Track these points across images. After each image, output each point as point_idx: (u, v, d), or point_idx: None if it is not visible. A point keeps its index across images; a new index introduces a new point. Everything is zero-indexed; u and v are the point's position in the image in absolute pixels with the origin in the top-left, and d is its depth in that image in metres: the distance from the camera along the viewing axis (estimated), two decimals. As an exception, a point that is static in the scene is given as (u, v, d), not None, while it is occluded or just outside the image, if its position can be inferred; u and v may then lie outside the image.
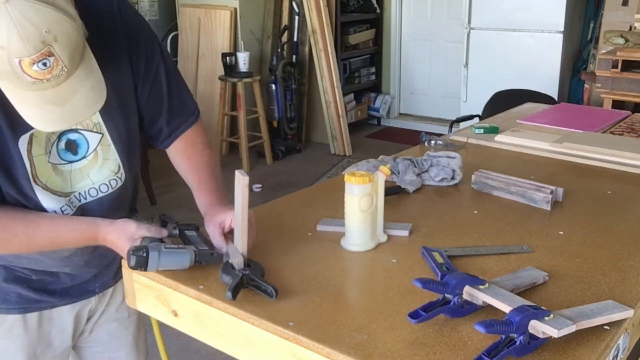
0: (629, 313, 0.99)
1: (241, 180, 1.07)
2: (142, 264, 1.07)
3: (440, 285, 1.00)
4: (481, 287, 1.00)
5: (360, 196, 1.20)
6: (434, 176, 1.62)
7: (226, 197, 1.30)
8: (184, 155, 1.35)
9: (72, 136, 1.18)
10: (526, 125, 2.19)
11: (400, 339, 0.94)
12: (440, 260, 1.16)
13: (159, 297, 1.17)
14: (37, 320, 1.30)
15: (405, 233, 1.30)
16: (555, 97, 4.58)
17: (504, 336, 0.90)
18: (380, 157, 1.72)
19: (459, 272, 1.07)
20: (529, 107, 2.58)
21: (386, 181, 1.25)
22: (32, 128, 1.08)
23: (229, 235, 1.18)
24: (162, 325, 1.24)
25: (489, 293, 0.99)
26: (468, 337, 0.94)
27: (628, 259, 1.21)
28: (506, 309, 0.94)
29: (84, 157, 1.21)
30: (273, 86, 5.19)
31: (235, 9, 5.21)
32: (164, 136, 1.35)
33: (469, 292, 1.00)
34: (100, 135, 1.21)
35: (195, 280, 1.12)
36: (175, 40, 5.61)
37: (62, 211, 1.19)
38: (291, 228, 1.34)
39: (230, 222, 1.17)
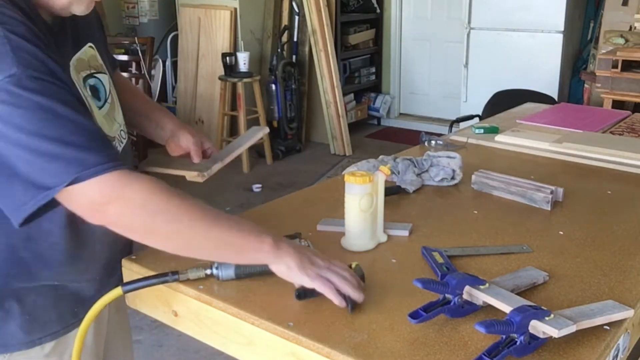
0: (629, 313, 0.99)
1: (260, 130, 1.25)
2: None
3: (441, 286, 1.00)
4: (481, 287, 1.00)
5: (360, 196, 1.20)
6: (434, 176, 1.62)
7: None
8: (125, 91, 1.32)
9: (91, 81, 1.14)
10: (526, 125, 2.19)
11: (401, 339, 0.94)
12: (440, 260, 1.16)
13: (159, 297, 1.17)
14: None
15: (405, 233, 1.30)
16: (555, 97, 4.58)
17: (504, 336, 0.90)
18: (380, 157, 1.72)
19: (459, 272, 1.07)
20: (529, 107, 2.58)
21: (386, 181, 1.25)
22: (68, 70, 1.06)
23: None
24: (162, 325, 1.24)
25: (489, 293, 0.99)
26: (468, 337, 0.95)
27: (628, 259, 1.21)
28: (506, 309, 0.94)
29: (106, 101, 1.17)
30: (273, 86, 5.18)
31: (235, 9, 5.21)
32: None
33: (469, 292, 1.00)
34: (108, 75, 1.19)
35: (195, 281, 1.12)
36: (175, 40, 5.61)
37: None
38: (291, 228, 1.34)
39: (209, 146, 1.32)
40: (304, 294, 1.03)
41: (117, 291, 1.04)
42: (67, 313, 1.19)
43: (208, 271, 1.09)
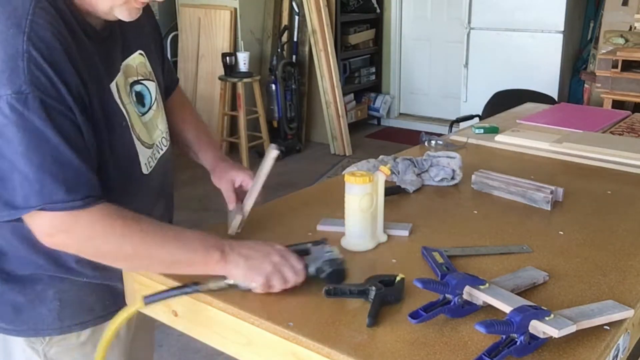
0: (629, 313, 0.99)
1: (272, 153, 1.24)
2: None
3: (441, 285, 1.00)
4: (481, 287, 1.00)
5: (361, 196, 1.20)
6: (434, 176, 1.62)
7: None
8: (177, 111, 1.38)
9: (137, 87, 1.18)
10: (526, 125, 2.19)
11: (401, 339, 0.94)
12: (440, 260, 1.16)
13: (159, 297, 1.17)
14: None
15: (405, 233, 1.30)
16: (555, 97, 4.58)
17: (504, 336, 0.90)
18: (380, 157, 1.72)
19: (459, 272, 1.07)
20: (529, 107, 2.58)
21: (386, 181, 1.25)
22: (115, 75, 1.10)
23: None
24: (162, 325, 1.24)
25: (489, 293, 0.99)
26: (468, 337, 0.94)
27: (628, 259, 1.21)
28: (506, 309, 0.94)
29: (150, 108, 1.21)
30: (273, 86, 5.18)
31: (235, 9, 5.21)
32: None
33: (469, 292, 1.00)
34: (155, 83, 1.23)
35: (196, 280, 1.12)
36: (175, 40, 5.61)
37: (148, 164, 1.19)
38: (291, 228, 1.34)
39: (240, 181, 1.31)
40: (334, 291, 1.03)
41: (139, 303, 1.03)
42: (99, 304, 1.22)
43: (230, 281, 1.06)
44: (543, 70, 4.88)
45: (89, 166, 1.02)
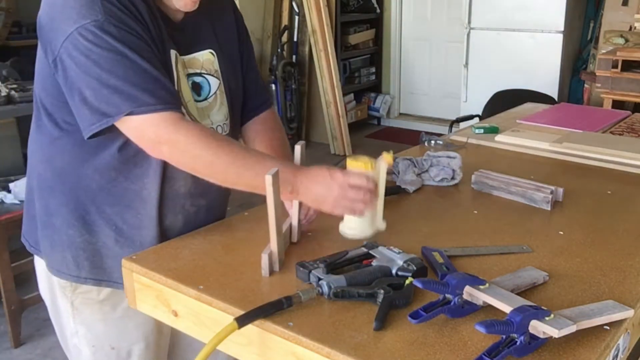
0: (629, 313, 0.99)
1: (267, 179, 1.12)
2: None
3: (441, 286, 1.00)
4: (481, 287, 1.00)
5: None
6: (434, 176, 1.62)
7: None
8: (263, 136, 1.46)
9: (197, 79, 1.30)
10: (526, 125, 2.19)
11: (401, 339, 0.94)
12: (440, 260, 1.16)
13: (159, 297, 1.17)
14: None
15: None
16: (555, 97, 4.58)
17: (504, 336, 0.90)
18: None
19: (459, 272, 1.08)
20: (529, 107, 2.58)
21: (386, 181, 1.25)
22: (172, 46, 1.23)
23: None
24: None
25: (489, 293, 0.99)
26: (468, 337, 0.94)
27: (628, 259, 1.21)
28: (506, 309, 0.94)
29: (205, 99, 1.32)
30: (273, 86, 5.18)
31: (235, 9, 5.20)
32: (247, 111, 1.46)
33: (469, 292, 1.00)
34: (219, 82, 1.34)
35: (195, 280, 1.12)
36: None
37: None
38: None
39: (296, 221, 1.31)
40: (342, 294, 1.03)
41: (232, 326, 0.97)
42: (115, 270, 1.27)
43: (319, 289, 1.05)
44: (543, 70, 4.87)
45: (167, 79, 1.16)
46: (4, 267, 2.52)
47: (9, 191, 2.72)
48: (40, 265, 1.37)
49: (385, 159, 1.22)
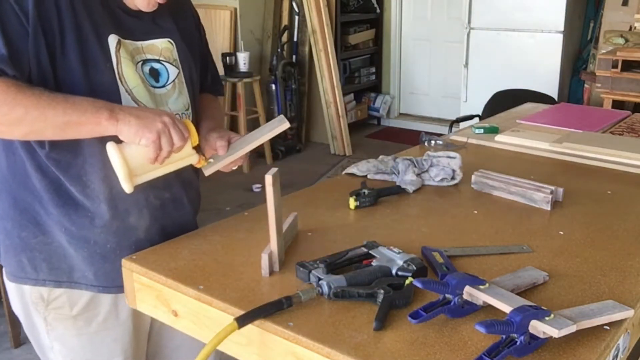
0: (629, 313, 0.99)
1: (282, 124, 1.17)
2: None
3: (441, 286, 1.00)
4: (481, 287, 1.00)
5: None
6: (434, 176, 1.62)
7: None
8: (204, 102, 1.47)
9: (155, 65, 1.30)
10: (526, 125, 2.19)
11: (401, 339, 0.94)
12: (440, 260, 1.16)
13: (158, 297, 1.17)
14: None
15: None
16: (555, 97, 4.58)
17: (504, 336, 0.90)
18: (380, 157, 1.72)
19: (459, 272, 1.08)
20: (529, 107, 2.58)
21: (386, 181, 1.25)
22: (114, 32, 1.22)
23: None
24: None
25: (489, 293, 0.99)
26: (468, 337, 0.94)
27: (628, 259, 1.21)
28: (506, 309, 0.94)
29: (163, 86, 1.31)
30: (273, 86, 5.19)
31: (235, 9, 5.21)
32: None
33: (469, 292, 0.99)
34: (178, 71, 1.34)
35: (195, 280, 1.12)
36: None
37: None
38: (291, 228, 1.34)
39: (236, 139, 1.32)
40: (342, 294, 1.03)
41: (232, 326, 0.97)
42: (68, 268, 1.27)
43: (319, 289, 1.05)
44: (543, 70, 4.87)
45: (10, 48, 1.10)
46: (4, 267, 2.52)
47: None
48: (8, 284, 1.34)
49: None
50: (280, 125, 1.25)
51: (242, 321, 0.98)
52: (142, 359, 1.44)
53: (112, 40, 1.21)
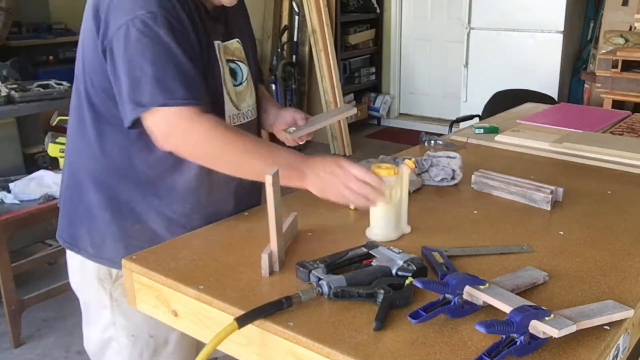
0: (629, 313, 0.99)
1: (351, 109, 1.37)
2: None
3: (441, 285, 1.00)
4: (481, 287, 1.00)
5: (386, 188, 1.23)
6: (434, 176, 1.62)
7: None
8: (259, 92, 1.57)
9: (232, 65, 1.39)
10: (526, 125, 2.19)
11: (401, 339, 0.94)
12: (440, 260, 1.16)
13: (158, 297, 1.17)
14: None
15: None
16: (555, 97, 4.58)
17: (504, 336, 0.90)
18: (380, 157, 1.72)
19: (459, 272, 1.08)
20: (529, 107, 2.58)
21: None
22: (214, 37, 1.32)
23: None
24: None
25: (489, 293, 0.99)
26: (468, 337, 0.94)
27: (628, 259, 1.21)
28: (506, 309, 0.94)
29: (241, 84, 1.41)
30: (273, 86, 5.19)
31: (235, 9, 5.21)
32: None
33: (469, 292, 0.99)
34: (248, 67, 1.44)
35: (195, 280, 1.12)
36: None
37: (232, 121, 1.36)
38: (291, 228, 1.34)
39: (300, 118, 1.55)
40: (342, 294, 1.03)
41: (232, 326, 0.97)
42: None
43: (319, 289, 1.05)
44: (543, 70, 4.87)
45: (202, 79, 1.23)
46: (4, 267, 2.52)
47: (9, 191, 2.72)
48: (73, 261, 1.40)
49: (408, 165, 1.29)
50: (348, 110, 1.44)
51: (242, 321, 0.98)
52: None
53: (216, 45, 1.32)
